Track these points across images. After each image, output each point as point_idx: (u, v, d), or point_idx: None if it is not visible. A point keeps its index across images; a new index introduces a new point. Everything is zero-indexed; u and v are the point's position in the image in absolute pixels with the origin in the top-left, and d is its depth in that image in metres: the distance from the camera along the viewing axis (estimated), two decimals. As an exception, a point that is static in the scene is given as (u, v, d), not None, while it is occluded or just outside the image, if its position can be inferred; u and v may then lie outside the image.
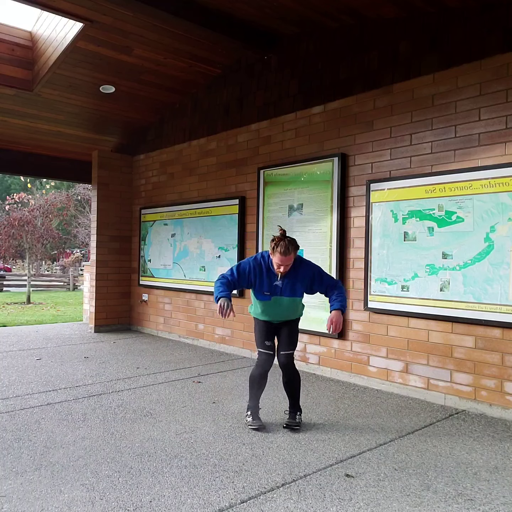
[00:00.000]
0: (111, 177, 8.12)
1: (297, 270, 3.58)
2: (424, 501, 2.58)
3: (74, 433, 3.47)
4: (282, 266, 3.45)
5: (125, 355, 6.20)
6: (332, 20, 5.04)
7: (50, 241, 17.57)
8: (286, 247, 3.40)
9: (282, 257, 3.40)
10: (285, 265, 3.45)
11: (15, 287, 19.95)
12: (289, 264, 3.46)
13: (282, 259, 3.41)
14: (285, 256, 3.40)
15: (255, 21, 5.34)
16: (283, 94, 5.78)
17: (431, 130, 4.44)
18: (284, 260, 3.42)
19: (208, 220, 6.78)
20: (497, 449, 3.30)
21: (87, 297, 9.24)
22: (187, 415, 3.89)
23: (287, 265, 3.46)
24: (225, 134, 6.56)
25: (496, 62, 4.04)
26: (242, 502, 2.54)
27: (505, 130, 3.99)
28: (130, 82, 6.53)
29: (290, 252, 3.41)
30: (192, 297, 7.06)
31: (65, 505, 2.48)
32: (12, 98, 6.54)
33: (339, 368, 5.13)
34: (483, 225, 4.05)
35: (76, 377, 5.05)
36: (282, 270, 3.47)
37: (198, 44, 5.74)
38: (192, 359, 6.01)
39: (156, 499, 2.56)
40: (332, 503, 2.54)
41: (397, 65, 4.69)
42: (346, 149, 5.11)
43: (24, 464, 2.95)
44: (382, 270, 4.74)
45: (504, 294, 3.91)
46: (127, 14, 4.99)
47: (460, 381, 4.22)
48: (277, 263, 3.46)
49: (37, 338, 7.37)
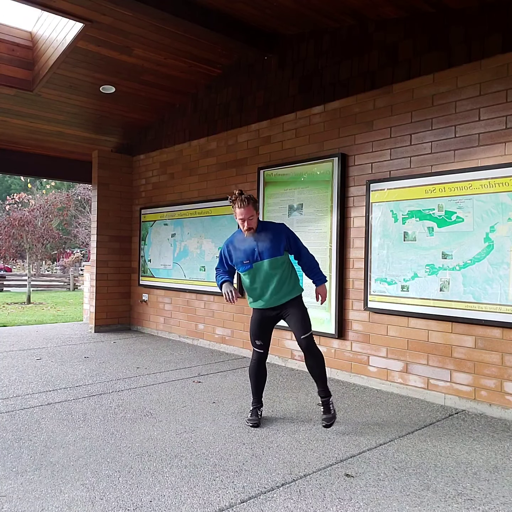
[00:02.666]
0: (111, 177, 8.12)
1: (267, 230, 3.65)
2: (424, 501, 2.58)
3: (74, 433, 3.47)
4: (246, 221, 3.53)
5: (125, 355, 6.20)
6: (332, 20, 5.04)
7: (50, 241, 17.57)
8: (242, 200, 3.50)
9: (241, 210, 3.50)
10: (247, 218, 3.52)
11: (15, 287, 19.96)
12: (251, 217, 3.53)
13: (241, 212, 3.50)
14: (243, 208, 3.50)
15: (255, 21, 5.34)
16: (283, 94, 5.78)
17: (431, 130, 4.44)
18: (244, 213, 3.50)
19: (208, 220, 6.78)
20: (497, 449, 3.31)
21: (87, 297, 9.24)
22: (187, 415, 3.89)
23: (250, 218, 3.53)
24: (225, 134, 6.56)
25: (496, 62, 4.04)
26: (242, 502, 2.54)
27: (505, 130, 3.99)
28: (130, 82, 6.53)
29: (247, 203, 3.50)
30: (192, 297, 7.06)
31: (65, 505, 2.49)
32: (12, 98, 6.54)
33: (339, 368, 5.13)
34: (483, 225, 4.05)
35: (76, 377, 5.05)
36: (246, 225, 3.54)
37: (198, 44, 5.74)
38: (192, 359, 6.01)
39: (156, 499, 2.56)
40: (332, 503, 2.54)
41: (397, 65, 4.69)
42: (346, 149, 5.11)
43: (24, 464, 2.96)
44: (382, 270, 4.74)
45: (504, 294, 3.91)
46: (127, 14, 4.99)
47: (460, 381, 4.22)
48: (240, 219, 3.54)
49: (37, 338, 7.37)
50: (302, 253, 3.79)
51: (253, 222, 3.57)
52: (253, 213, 3.55)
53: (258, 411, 3.73)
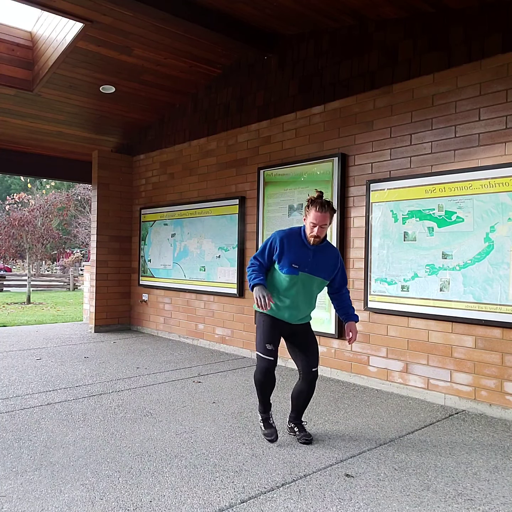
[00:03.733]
0: (111, 177, 8.12)
1: (327, 249, 3.31)
2: (424, 501, 2.58)
3: (74, 433, 3.47)
4: (317, 227, 3.14)
5: (125, 355, 6.20)
6: (332, 20, 5.04)
7: (50, 241, 17.57)
8: (323, 204, 3.12)
9: (317, 214, 3.11)
10: (320, 225, 3.13)
11: (15, 287, 19.96)
12: (324, 225, 3.15)
13: (317, 216, 3.11)
14: (321, 212, 3.11)
15: (255, 21, 5.34)
16: (283, 94, 5.78)
17: (431, 130, 4.44)
18: (320, 218, 3.12)
19: (208, 220, 6.78)
20: (497, 449, 3.30)
21: (87, 297, 9.24)
22: (187, 415, 3.89)
23: (323, 226, 3.15)
24: (225, 134, 6.56)
25: (496, 62, 4.04)
26: (242, 502, 2.54)
27: (505, 130, 3.99)
28: (130, 82, 6.53)
29: (326, 209, 3.13)
30: (192, 297, 7.06)
31: (65, 505, 2.48)
32: (12, 98, 6.54)
33: (339, 368, 5.13)
34: (483, 225, 4.05)
35: (76, 377, 5.05)
36: (315, 232, 3.15)
37: (198, 44, 5.74)
38: (192, 359, 6.01)
39: (156, 499, 2.56)
40: (332, 503, 2.54)
41: (397, 65, 4.69)
42: (346, 149, 5.11)
43: (24, 464, 2.96)
44: (382, 270, 4.74)
45: (504, 294, 3.91)
46: (127, 14, 4.99)
47: (460, 381, 4.22)
48: (311, 222, 3.15)
49: (37, 338, 7.37)
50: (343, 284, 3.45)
51: (323, 232, 3.20)
52: (327, 222, 3.18)
53: (270, 420, 3.45)
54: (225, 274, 6.48)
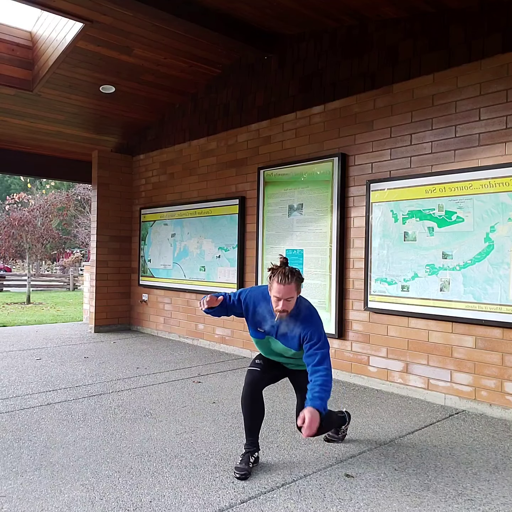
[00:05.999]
0: (111, 177, 8.12)
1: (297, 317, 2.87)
2: (424, 501, 2.58)
3: (74, 433, 3.47)
4: (281, 301, 2.75)
5: (125, 355, 6.20)
6: (332, 20, 5.04)
7: (50, 241, 17.58)
8: (285, 275, 2.74)
9: (280, 287, 2.73)
10: (284, 298, 2.75)
11: (15, 287, 19.95)
12: (290, 298, 2.77)
13: (280, 289, 2.73)
14: (283, 284, 2.73)
15: (255, 21, 5.34)
16: (283, 94, 5.78)
17: (431, 130, 4.44)
18: (283, 291, 2.73)
19: (208, 220, 6.78)
20: (497, 449, 3.30)
21: (87, 297, 9.24)
22: (187, 415, 3.89)
23: (288, 299, 2.76)
24: (225, 134, 6.56)
25: (496, 62, 4.04)
26: (242, 502, 2.54)
27: (505, 130, 3.99)
28: (130, 82, 6.53)
29: (290, 280, 2.74)
30: (192, 297, 7.06)
31: (65, 505, 2.48)
32: (12, 98, 6.54)
33: (339, 368, 5.13)
34: (483, 225, 4.05)
35: (76, 377, 5.05)
36: (280, 307, 2.76)
37: (198, 44, 5.74)
38: (192, 359, 6.01)
39: (156, 499, 2.56)
40: (332, 503, 2.53)
41: (397, 65, 4.69)
42: (346, 149, 5.11)
43: (24, 464, 2.95)
44: (382, 270, 4.74)
45: (504, 294, 3.91)
46: (127, 14, 4.99)
47: (460, 381, 4.22)
48: (275, 296, 2.77)
49: (37, 338, 7.37)
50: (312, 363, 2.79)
51: (290, 305, 2.79)
52: (294, 294, 2.78)
53: (250, 458, 2.91)
54: (225, 274, 6.48)
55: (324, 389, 2.65)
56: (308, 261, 5.42)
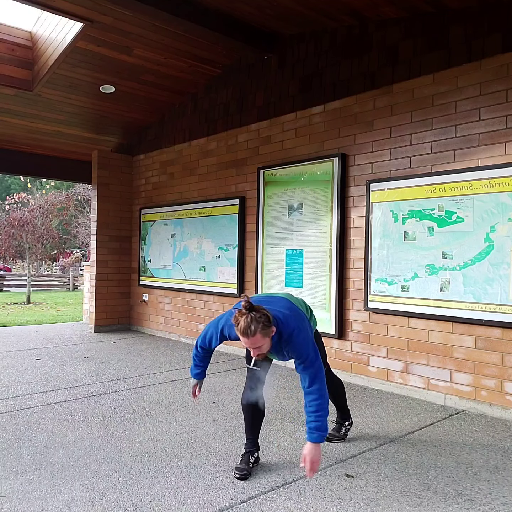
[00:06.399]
0: (111, 177, 8.11)
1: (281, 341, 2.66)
2: (424, 501, 2.58)
3: (74, 433, 3.47)
4: (252, 350, 2.56)
5: (125, 355, 6.20)
6: (332, 20, 5.04)
7: (50, 241, 17.57)
8: (247, 326, 2.43)
9: (244, 339, 2.50)
10: (254, 348, 2.53)
11: (15, 287, 19.95)
12: (260, 346, 2.53)
13: (245, 341, 2.50)
14: (246, 337, 2.47)
15: (255, 21, 5.34)
16: (283, 94, 5.78)
17: (431, 130, 4.44)
18: (249, 343, 2.50)
19: (208, 220, 6.78)
20: (497, 449, 3.30)
21: (87, 297, 9.23)
22: (187, 415, 3.89)
23: (258, 348, 2.53)
24: (225, 134, 6.56)
25: (496, 62, 4.04)
26: (242, 502, 2.54)
27: (505, 130, 3.99)
28: (130, 82, 6.53)
29: (253, 333, 2.44)
30: (192, 297, 7.06)
31: (65, 505, 2.48)
32: (12, 98, 6.54)
33: (339, 368, 5.13)
34: (483, 225, 4.05)
35: (76, 377, 5.05)
36: (253, 354, 2.59)
37: (198, 44, 5.74)
38: (192, 359, 5.99)
39: (156, 499, 2.56)
40: (332, 503, 2.53)
41: (397, 65, 4.69)
42: (346, 149, 5.11)
43: (24, 464, 2.95)
44: (382, 270, 4.74)
45: (504, 294, 3.91)
46: (127, 14, 4.99)
47: (460, 381, 4.22)
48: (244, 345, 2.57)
49: (37, 338, 7.36)
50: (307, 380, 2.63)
51: (263, 348, 2.56)
52: (263, 342, 2.51)
53: (250, 458, 2.91)
54: (225, 274, 6.48)
55: (319, 415, 2.56)
56: (308, 261, 5.42)
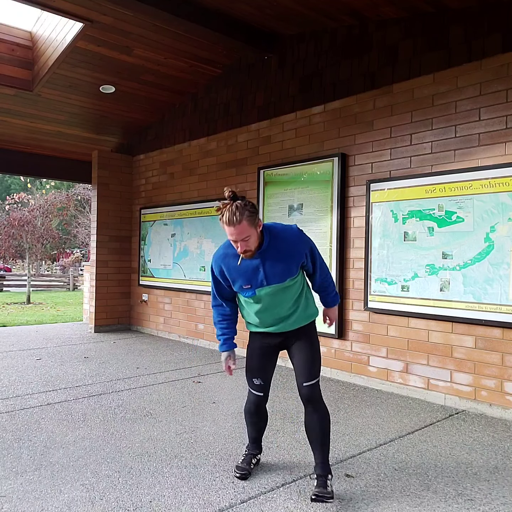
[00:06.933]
0: (111, 177, 8.12)
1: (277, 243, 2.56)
2: (424, 501, 2.58)
3: (74, 433, 3.47)
4: (238, 243, 2.45)
5: (125, 355, 6.20)
6: (332, 20, 5.04)
7: (50, 241, 17.57)
8: (232, 213, 2.37)
9: (230, 229, 2.40)
10: (240, 239, 2.43)
11: (15, 287, 19.96)
12: (245, 237, 2.43)
13: (232, 231, 2.41)
14: (232, 226, 2.38)
15: (255, 21, 5.34)
16: (283, 94, 5.78)
17: (431, 130, 4.44)
18: (236, 232, 2.40)
19: (208, 220, 6.78)
20: (497, 449, 3.30)
21: (87, 297, 9.24)
22: (187, 415, 3.89)
23: (244, 239, 2.43)
24: (225, 134, 6.56)
25: (496, 62, 4.04)
26: (242, 502, 2.54)
27: (505, 130, 3.99)
28: (130, 82, 6.53)
29: (239, 219, 2.37)
30: (192, 297, 7.06)
31: (65, 505, 2.48)
32: (12, 98, 6.54)
33: (339, 368, 5.13)
34: (483, 225, 4.05)
35: (76, 377, 5.05)
36: (240, 249, 2.47)
37: (198, 44, 5.74)
38: (192, 359, 6.00)
39: (156, 499, 2.56)
40: (332, 503, 2.53)
41: (397, 65, 4.69)
42: (346, 149, 5.11)
43: (24, 464, 2.95)
44: (382, 270, 4.74)
45: (504, 294, 3.91)
46: (127, 14, 4.99)
47: (460, 381, 4.22)
48: (230, 239, 2.49)
49: (37, 338, 7.37)
50: (317, 268, 2.72)
51: (250, 243, 2.47)
52: (250, 232, 2.43)
53: (253, 459, 2.89)
54: (225, 274, 6.47)
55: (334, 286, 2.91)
56: (308, 261, 5.41)
